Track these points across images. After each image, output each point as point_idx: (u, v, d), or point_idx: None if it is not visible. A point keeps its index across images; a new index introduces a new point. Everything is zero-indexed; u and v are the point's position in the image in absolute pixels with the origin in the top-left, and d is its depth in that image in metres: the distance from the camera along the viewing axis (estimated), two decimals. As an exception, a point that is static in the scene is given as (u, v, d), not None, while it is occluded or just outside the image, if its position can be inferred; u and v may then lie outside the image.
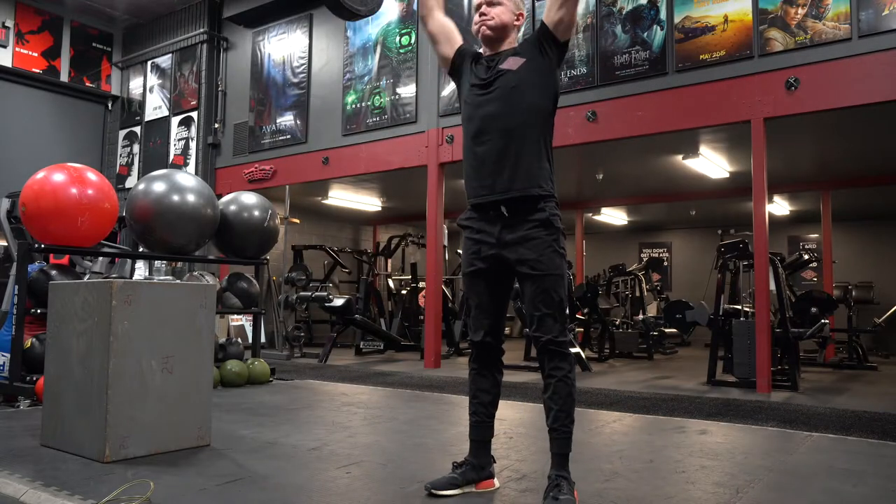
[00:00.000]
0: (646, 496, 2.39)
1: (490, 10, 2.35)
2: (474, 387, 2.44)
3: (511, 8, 2.37)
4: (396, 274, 11.29)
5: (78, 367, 2.95)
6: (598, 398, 4.92)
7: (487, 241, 2.32)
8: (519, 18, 2.40)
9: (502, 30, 2.36)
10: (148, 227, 4.93)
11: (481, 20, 2.36)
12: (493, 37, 2.36)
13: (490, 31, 2.35)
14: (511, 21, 2.37)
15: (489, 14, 2.34)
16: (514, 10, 2.38)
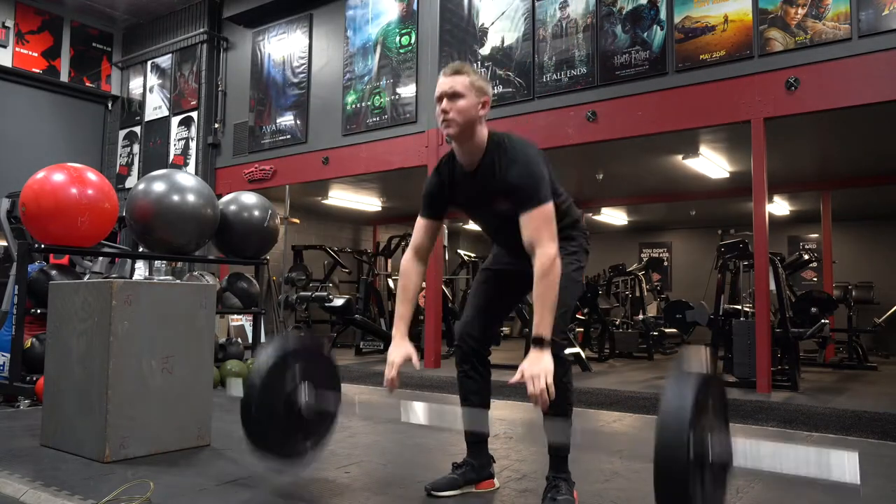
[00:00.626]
0: (646, 496, 2.39)
1: (452, 108, 2.15)
2: (464, 390, 2.43)
3: (474, 100, 2.17)
4: (396, 274, 11.28)
5: (78, 367, 2.95)
6: (598, 398, 4.92)
7: None
8: (484, 107, 2.20)
9: (467, 125, 2.17)
10: (148, 227, 4.93)
11: (444, 121, 2.17)
12: (458, 136, 2.19)
13: (454, 132, 2.18)
14: (476, 115, 2.17)
15: (451, 112, 2.15)
16: (479, 98, 2.19)
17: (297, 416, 2.41)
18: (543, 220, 2.08)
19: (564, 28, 6.53)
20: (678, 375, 1.76)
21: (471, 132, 2.20)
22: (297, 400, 2.41)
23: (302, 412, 2.42)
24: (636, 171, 8.36)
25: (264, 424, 2.35)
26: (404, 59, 7.71)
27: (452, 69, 2.21)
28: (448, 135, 2.21)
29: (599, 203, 10.69)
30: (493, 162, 2.20)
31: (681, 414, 1.63)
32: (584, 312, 8.61)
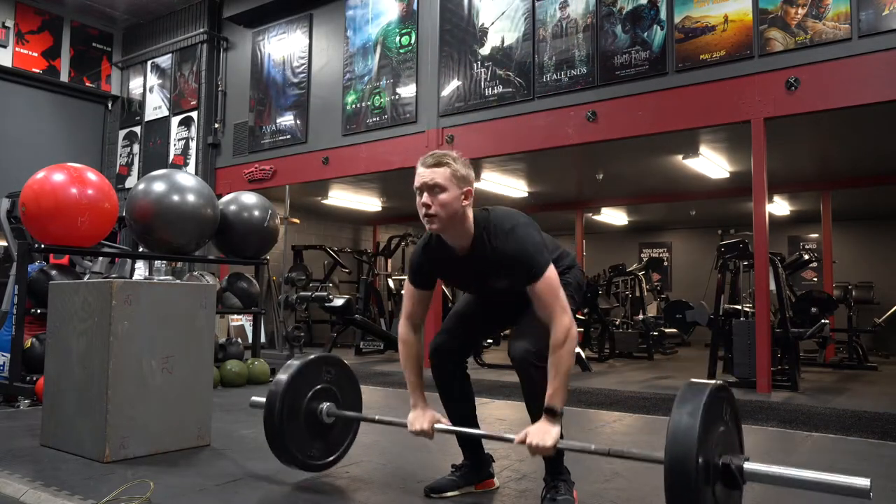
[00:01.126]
0: (646, 496, 2.39)
1: (434, 202, 2.05)
2: (443, 399, 2.40)
3: (456, 192, 2.07)
4: (396, 274, 11.28)
5: (78, 367, 2.95)
6: (598, 398, 4.92)
7: None
8: (467, 197, 2.10)
9: (450, 220, 2.08)
10: (148, 227, 4.93)
11: (426, 216, 2.08)
12: (442, 230, 2.12)
13: (438, 227, 2.10)
14: (459, 207, 2.08)
15: (433, 207, 2.05)
16: (462, 187, 2.08)
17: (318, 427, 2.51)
18: (550, 290, 2.06)
19: (564, 28, 6.53)
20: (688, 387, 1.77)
21: (456, 223, 2.10)
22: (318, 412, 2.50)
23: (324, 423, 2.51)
24: (636, 171, 8.36)
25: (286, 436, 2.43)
26: (404, 59, 7.71)
27: (433, 159, 2.09)
28: (432, 231, 2.14)
29: (599, 203, 10.69)
30: (483, 243, 2.13)
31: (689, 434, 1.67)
32: (584, 312, 8.60)
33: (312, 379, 2.52)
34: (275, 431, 2.41)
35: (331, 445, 2.59)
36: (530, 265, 2.06)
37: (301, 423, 2.46)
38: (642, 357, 8.60)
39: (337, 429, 2.59)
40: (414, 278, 2.31)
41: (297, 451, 2.45)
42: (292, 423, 2.43)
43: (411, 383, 2.34)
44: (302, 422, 2.46)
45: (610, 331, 8.43)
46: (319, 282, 9.96)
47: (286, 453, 2.44)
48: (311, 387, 2.50)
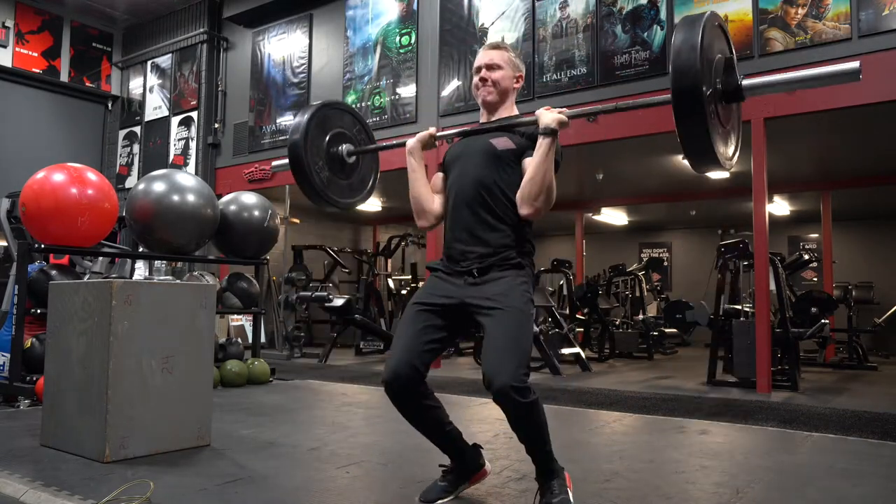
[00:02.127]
0: (646, 496, 2.39)
1: (491, 76, 2.32)
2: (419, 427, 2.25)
3: (511, 72, 2.35)
4: (396, 274, 11.28)
5: (78, 367, 2.95)
6: (598, 398, 4.92)
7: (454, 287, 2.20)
8: (518, 81, 2.38)
9: (502, 94, 2.34)
10: (148, 227, 4.94)
11: (483, 88, 2.34)
12: (493, 103, 2.35)
13: (491, 99, 2.34)
14: (511, 86, 2.35)
15: (489, 80, 2.32)
16: (514, 72, 2.36)
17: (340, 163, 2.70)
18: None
19: (564, 28, 6.54)
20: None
21: (503, 103, 2.35)
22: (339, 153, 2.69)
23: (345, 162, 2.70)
24: (636, 171, 8.36)
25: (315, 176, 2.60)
26: (404, 59, 7.71)
27: (491, 45, 2.40)
28: (485, 101, 2.34)
29: (599, 203, 10.69)
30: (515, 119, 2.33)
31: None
32: (584, 312, 8.61)
33: (325, 125, 2.66)
34: (304, 174, 2.53)
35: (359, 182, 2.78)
36: None
37: (326, 167, 2.62)
38: (642, 357, 8.60)
39: (360, 167, 2.76)
40: None
41: (330, 190, 2.62)
42: (318, 166, 2.58)
43: None
44: (326, 164, 2.62)
45: (610, 331, 8.43)
46: (319, 282, 9.95)
47: (318, 191, 2.59)
48: (326, 133, 2.65)
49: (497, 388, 1.95)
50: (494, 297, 2.09)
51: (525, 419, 2.02)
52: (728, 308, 6.26)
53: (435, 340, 2.18)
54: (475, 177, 2.26)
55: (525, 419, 2.02)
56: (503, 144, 2.25)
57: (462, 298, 2.16)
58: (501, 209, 2.20)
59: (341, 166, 2.68)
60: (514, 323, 2.04)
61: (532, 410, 1.99)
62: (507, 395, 1.94)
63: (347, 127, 2.76)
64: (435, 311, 2.19)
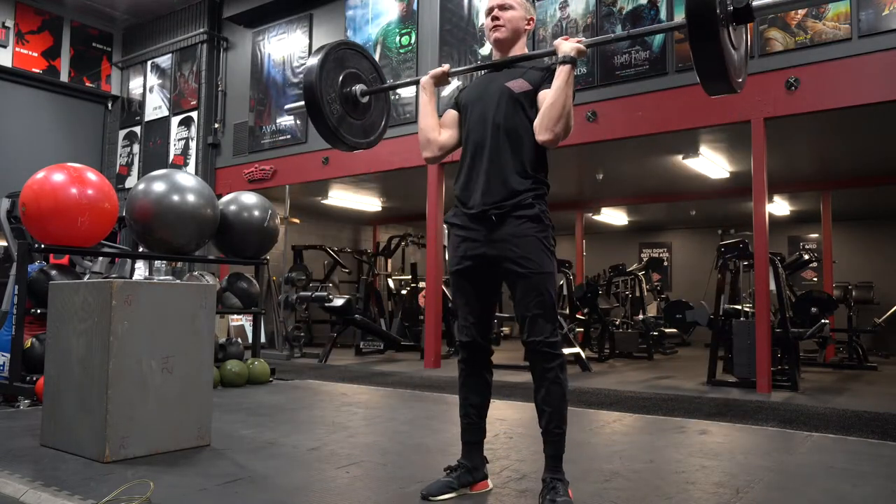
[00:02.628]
0: (646, 496, 2.39)
1: (503, 15, 2.37)
2: (464, 390, 2.41)
3: (523, 13, 2.40)
4: (396, 274, 11.28)
5: (78, 367, 2.95)
6: (598, 398, 4.92)
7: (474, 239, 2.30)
8: (530, 23, 2.44)
9: (514, 33, 2.39)
10: (148, 227, 4.93)
11: (494, 26, 2.38)
12: (505, 41, 2.40)
13: (503, 36, 2.38)
14: (522, 26, 2.41)
15: (502, 19, 2.37)
16: (526, 14, 2.42)
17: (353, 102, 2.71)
18: None
19: (564, 28, 6.53)
20: None
21: (515, 42, 2.40)
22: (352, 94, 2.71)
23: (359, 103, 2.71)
24: (636, 171, 8.36)
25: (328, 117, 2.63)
26: (404, 59, 7.71)
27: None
28: (496, 38, 2.38)
29: (599, 203, 10.69)
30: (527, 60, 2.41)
31: None
32: (584, 312, 8.60)
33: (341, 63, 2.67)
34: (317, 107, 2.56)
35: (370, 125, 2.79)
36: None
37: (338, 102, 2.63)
38: (642, 357, 8.60)
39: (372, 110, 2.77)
40: None
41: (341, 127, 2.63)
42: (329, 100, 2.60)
43: None
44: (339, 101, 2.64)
45: (610, 331, 8.43)
46: (319, 282, 9.96)
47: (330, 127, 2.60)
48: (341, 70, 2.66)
49: (534, 346, 2.20)
50: (518, 261, 2.20)
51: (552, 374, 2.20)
52: (728, 308, 6.26)
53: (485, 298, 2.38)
54: (492, 120, 2.35)
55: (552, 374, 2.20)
56: (520, 87, 2.32)
57: (485, 253, 2.27)
58: (520, 152, 2.30)
59: (354, 106, 2.70)
60: (539, 288, 2.19)
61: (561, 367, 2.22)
62: (539, 350, 2.19)
63: (364, 70, 2.79)
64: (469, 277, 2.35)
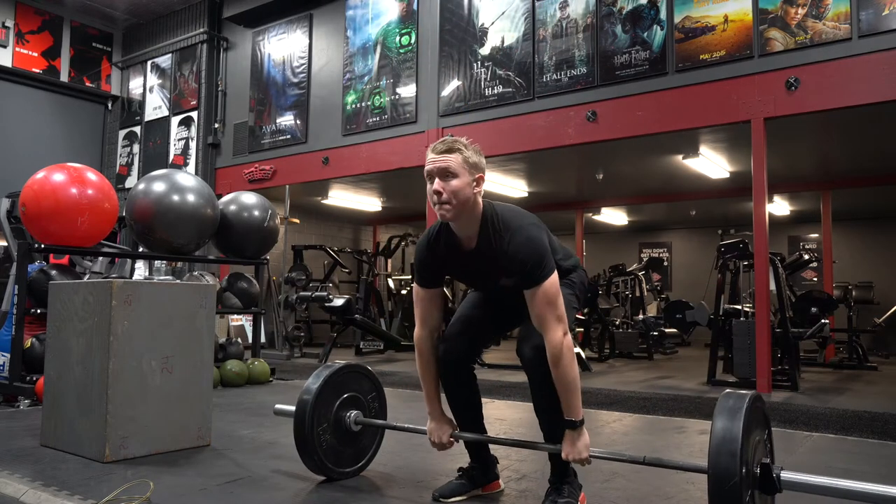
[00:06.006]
0: (646, 496, 2.39)
1: (446, 189, 2.02)
2: (452, 406, 2.39)
3: (468, 178, 2.05)
4: (396, 274, 11.28)
5: (78, 367, 2.95)
6: (598, 398, 4.92)
7: None
8: (479, 184, 2.08)
9: (462, 207, 2.05)
10: (148, 227, 4.93)
11: (438, 204, 2.05)
12: (453, 219, 2.09)
13: (450, 215, 2.06)
14: (471, 193, 2.06)
15: (445, 194, 2.02)
16: (473, 174, 2.07)
17: (346, 435, 2.54)
18: (548, 299, 2.02)
19: (564, 28, 6.53)
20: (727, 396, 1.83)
21: (467, 210, 2.08)
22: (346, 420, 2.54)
23: (351, 431, 2.54)
24: (636, 171, 8.36)
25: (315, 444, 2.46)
26: (404, 59, 7.71)
27: (445, 146, 2.06)
28: (444, 219, 2.11)
29: (599, 203, 10.69)
30: (491, 236, 2.10)
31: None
32: (584, 312, 8.60)
33: (340, 388, 2.53)
34: (305, 439, 2.41)
35: (358, 452, 2.61)
36: (532, 272, 2.03)
37: (329, 431, 2.48)
38: (642, 357, 8.60)
39: (364, 436, 2.62)
40: (421, 278, 2.27)
41: (327, 458, 2.48)
42: (321, 430, 2.45)
43: (428, 393, 2.34)
44: (331, 430, 2.49)
45: (610, 331, 8.43)
46: (319, 282, 9.96)
47: (316, 461, 2.45)
48: (338, 396, 2.52)
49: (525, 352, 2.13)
50: None
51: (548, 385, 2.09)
52: (728, 308, 6.26)
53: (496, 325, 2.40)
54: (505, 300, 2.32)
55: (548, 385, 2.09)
56: (508, 282, 2.14)
57: None
58: None
59: (346, 433, 2.53)
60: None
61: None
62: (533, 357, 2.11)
63: (363, 391, 2.62)
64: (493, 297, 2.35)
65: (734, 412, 1.73)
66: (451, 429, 2.32)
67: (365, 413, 2.59)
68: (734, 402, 1.76)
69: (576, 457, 2.02)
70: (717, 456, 1.69)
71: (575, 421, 2.04)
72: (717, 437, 1.71)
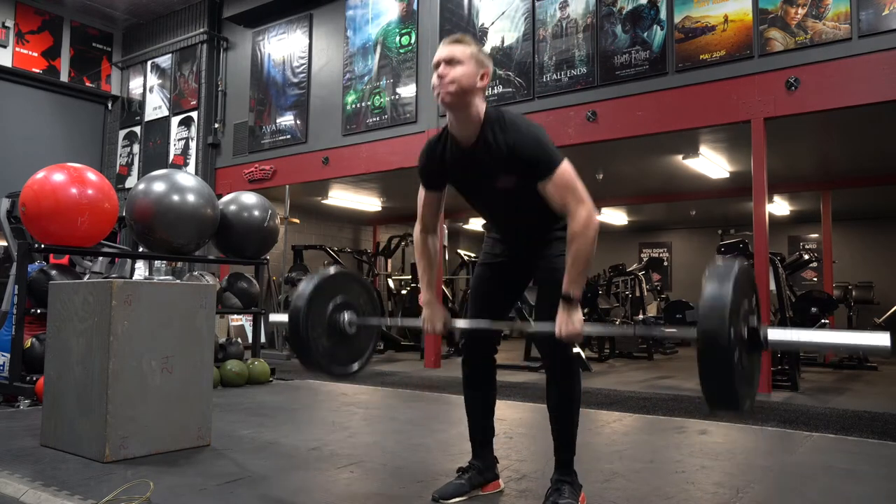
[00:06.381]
0: (646, 496, 2.39)
1: (449, 73, 2.05)
2: (469, 391, 2.41)
3: (473, 69, 2.07)
4: (396, 274, 11.28)
5: (78, 367, 2.95)
6: (598, 398, 4.92)
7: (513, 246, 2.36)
8: (483, 78, 2.11)
9: (464, 93, 2.06)
10: (148, 227, 4.93)
11: (440, 85, 2.06)
12: (453, 104, 2.08)
13: (450, 99, 2.07)
14: (474, 84, 2.07)
15: (448, 77, 2.05)
16: (479, 69, 2.09)
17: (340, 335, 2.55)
18: (566, 182, 2.03)
19: (564, 28, 6.53)
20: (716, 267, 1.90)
21: (467, 102, 2.08)
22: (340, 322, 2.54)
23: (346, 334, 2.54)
24: (636, 171, 8.36)
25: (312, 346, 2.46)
26: (404, 59, 7.71)
27: (452, 39, 2.13)
28: (443, 102, 2.09)
29: (599, 203, 10.67)
30: (492, 135, 2.09)
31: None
32: (584, 312, 8.60)
33: (331, 292, 2.55)
34: (302, 343, 2.43)
35: (355, 353, 2.64)
36: (544, 161, 2.03)
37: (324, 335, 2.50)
38: (642, 357, 8.59)
39: (359, 338, 2.64)
40: (424, 179, 2.33)
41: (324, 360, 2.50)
42: (316, 334, 2.47)
43: (424, 281, 2.39)
44: (325, 333, 2.51)
45: (610, 331, 8.42)
46: (319, 282, 9.92)
47: (314, 363, 2.47)
48: (330, 300, 2.54)
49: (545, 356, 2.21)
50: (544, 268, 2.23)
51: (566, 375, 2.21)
52: (728, 308, 6.25)
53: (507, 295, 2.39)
54: (502, 214, 2.33)
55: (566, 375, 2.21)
56: (509, 183, 2.12)
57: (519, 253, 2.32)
58: (537, 220, 2.22)
59: (341, 336, 2.54)
60: None
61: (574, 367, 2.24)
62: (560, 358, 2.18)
63: (354, 296, 2.63)
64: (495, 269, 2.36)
65: (724, 277, 1.80)
66: (444, 317, 2.33)
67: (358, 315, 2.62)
68: (725, 269, 1.84)
69: (570, 330, 2.02)
70: (708, 317, 1.74)
71: (570, 296, 2.03)
72: (707, 298, 1.78)
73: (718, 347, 1.70)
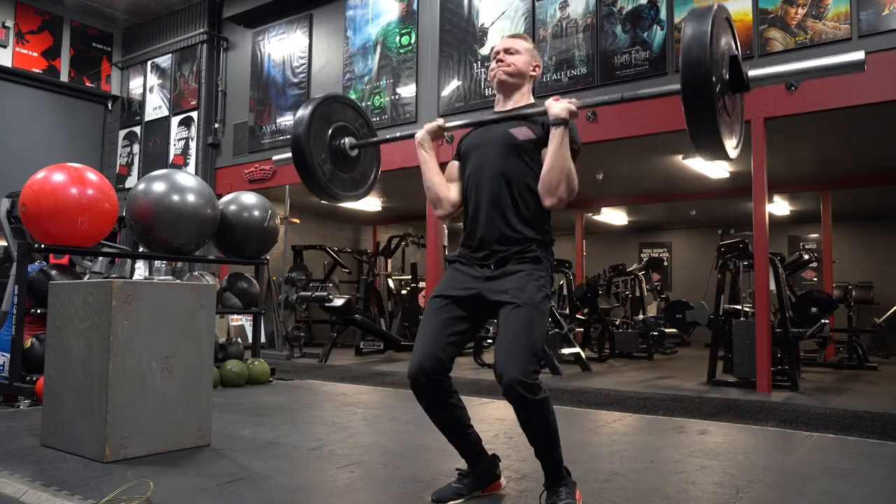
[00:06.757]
0: (646, 496, 2.39)
1: (508, 58, 2.33)
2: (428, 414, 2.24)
3: (528, 59, 2.36)
4: (396, 274, 11.28)
5: (78, 367, 2.95)
6: (598, 398, 4.92)
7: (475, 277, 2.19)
8: (535, 70, 2.38)
9: (519, 77, 2.34)
10: (148, 227, 4.94)
11: (499, 66, 2.33)
12: (508, 83, 2.34)
13: (507, 77, 2.32)
14: (527, 71, 2.35)
15: (507, 61, 2.33)
16: (532, 61, 2.37)
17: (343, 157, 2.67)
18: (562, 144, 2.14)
19: (564, 28, 6.54)
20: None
21: (519, 84, 2.34)
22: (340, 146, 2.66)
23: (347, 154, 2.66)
24: (636, 171, 8.36)
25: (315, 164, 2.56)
26: (404, 59, 7.71)
27: (513, 34, 2.47)
28: (500, 80, 2.32)
29: (599, 203, 10.69)
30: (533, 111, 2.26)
31: None
32: (584, 312, 8.60)
33: (327, 118, 2.64)
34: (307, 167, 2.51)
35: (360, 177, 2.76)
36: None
37: (328, 160, 2.60)
38: (642, 357, 8.60)
39: (362, 161, 2.75)
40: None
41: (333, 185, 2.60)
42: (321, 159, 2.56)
43: None
44: (329, 158, 2.61)
45: (610, 331, 8.43)
46: (319, 282, 9.95)
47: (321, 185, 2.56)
48: (328, 126, 2.63)
49: (506, 382, 1.96)
50: (510, 291, 2.09)
51: (533, 417, 2.02)
52: (728, 308, 6.26)
53: (458, 332, 2.18)
54: (495, 169, 2.22)
55: (533, 417, 2.02)
56: (524, 134, 2.22)
57: (480, 290, 2.16)
58: (522, 201, 2.19)
59: (344, 160, 2.67)
60: (525, 319, 2.03)
61: (540, 408, 2.00)
62: (514, 390, 1.95)
63: (350, 120, 2.75)
64: (455, 302, 2.19)
65: (702, 17, 1.84)
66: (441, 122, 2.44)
67: (357, 139, 2.73)
68: (702, 11, 1.88)
69: (562, 108, 2.11)
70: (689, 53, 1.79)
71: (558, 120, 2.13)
72: (687, 36, 1.82)
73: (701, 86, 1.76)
